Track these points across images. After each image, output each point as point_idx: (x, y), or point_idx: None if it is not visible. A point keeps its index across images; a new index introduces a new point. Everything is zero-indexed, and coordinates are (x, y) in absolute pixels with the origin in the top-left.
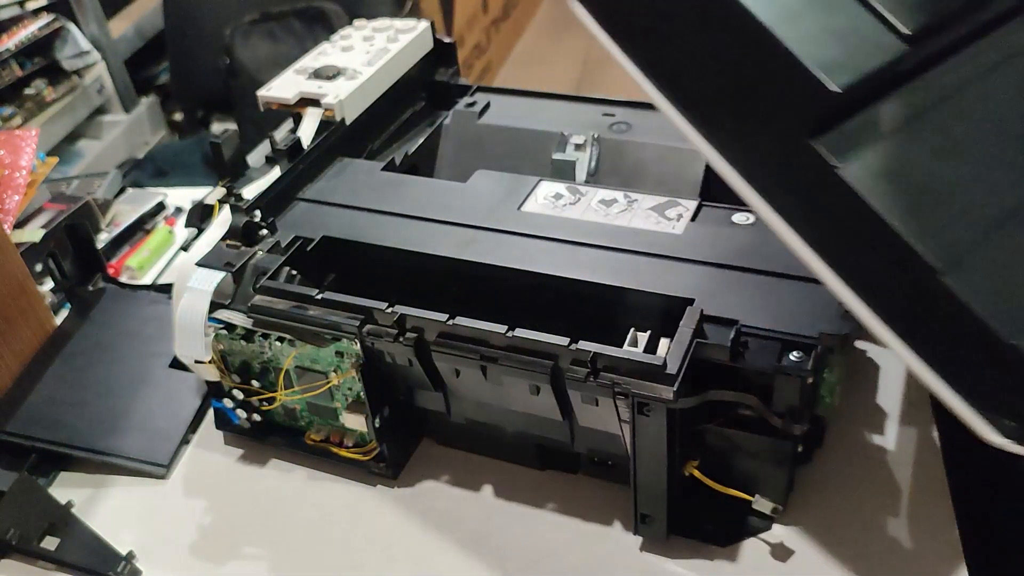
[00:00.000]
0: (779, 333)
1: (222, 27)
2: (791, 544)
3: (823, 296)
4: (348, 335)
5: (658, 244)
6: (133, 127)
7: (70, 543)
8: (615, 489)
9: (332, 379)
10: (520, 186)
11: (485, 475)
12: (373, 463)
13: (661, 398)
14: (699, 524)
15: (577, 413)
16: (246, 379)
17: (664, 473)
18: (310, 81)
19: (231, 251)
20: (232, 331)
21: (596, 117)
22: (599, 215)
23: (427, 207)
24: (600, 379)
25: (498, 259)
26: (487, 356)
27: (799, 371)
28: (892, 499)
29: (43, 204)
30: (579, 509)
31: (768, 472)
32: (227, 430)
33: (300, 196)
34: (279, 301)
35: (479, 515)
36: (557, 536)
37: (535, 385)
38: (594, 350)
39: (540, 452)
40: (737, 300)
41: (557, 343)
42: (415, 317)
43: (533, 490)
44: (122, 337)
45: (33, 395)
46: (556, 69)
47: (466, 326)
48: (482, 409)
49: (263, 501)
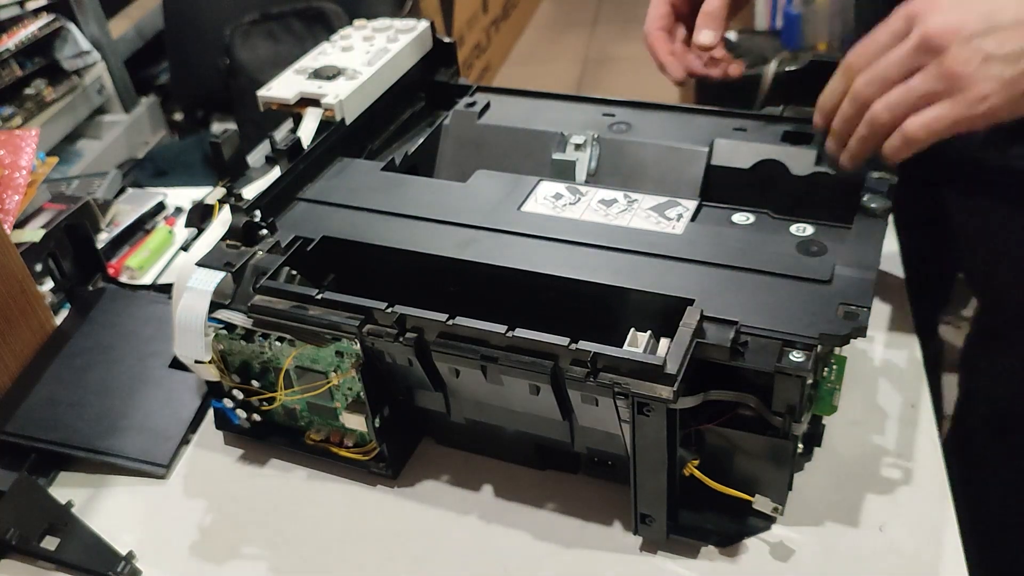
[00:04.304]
0: (779, 333)
1: (222, 27)
2: (791, 544)
3: (823, 297)
4: (348, 335)
5: (658, 244)
6: (133, 127)
7: (70, 543)
8: (615, 489)
9: (332, 379)
10: (520, 186)
11: (485, 475)
12: (373, 463)
13: (661, 398)
14: (699, 524)
15: (577, 413)
16: (246, 379)
17: (664, 473)
18: (310, 81)
19: (231, 251)
20: (232, 331)
21: (596, 117)
22: (599, 215)
23: (427, 207)
24: (600, 379)
25: (498, 259)
26: (487, 356)
27: (799, 371)
28: (891, 499)
29: (43, 204)
30: (579, 509)
31: (768, 472)
32: (227, 430)
33: (300, 196)
34: (279, 301)
35: (479, 515)
36: (557, 536)
37: (535, 385)
38: (594, 350)
39: (540, 452)
40: (737, 300)
41: (557, 343)
42: (415, 317)
43: (533, 490)
44: (122, 337)
45: (33, 395)
46: (556, 69)
47: (466, 326)
48: (482, 409)
49: (263, 501)
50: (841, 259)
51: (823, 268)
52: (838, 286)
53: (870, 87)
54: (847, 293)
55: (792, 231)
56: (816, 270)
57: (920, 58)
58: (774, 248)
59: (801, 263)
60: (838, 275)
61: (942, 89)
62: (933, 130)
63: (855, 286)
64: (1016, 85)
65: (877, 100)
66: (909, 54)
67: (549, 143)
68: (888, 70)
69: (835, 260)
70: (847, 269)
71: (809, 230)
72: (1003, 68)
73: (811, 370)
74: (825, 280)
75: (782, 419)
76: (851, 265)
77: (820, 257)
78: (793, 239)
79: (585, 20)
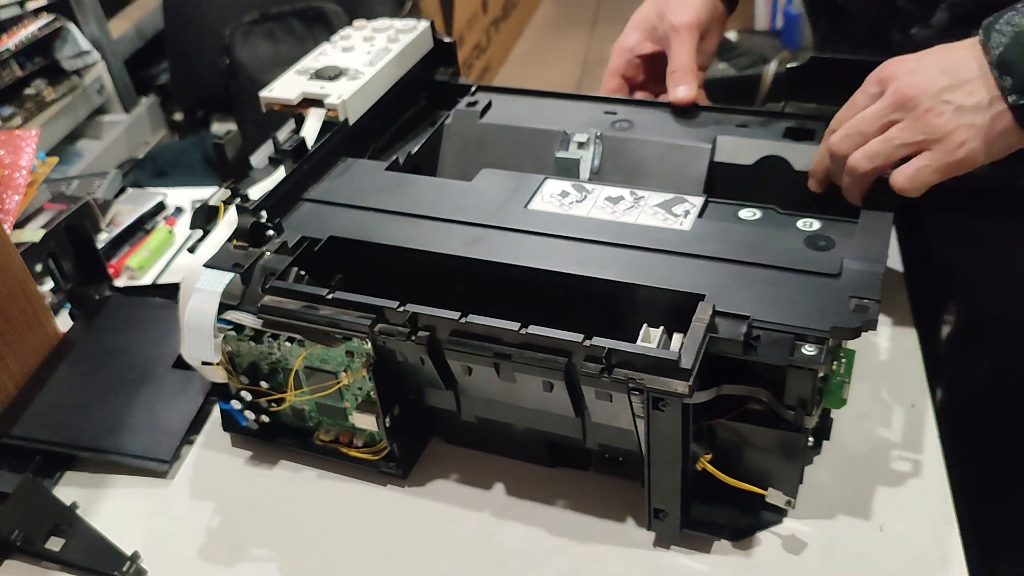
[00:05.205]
0: (790, 327)
1: (222, 27)
2: (803, 537)
3: (832, 290)
4: (359, 334)
5: (666, 240)
6: (133, 127)
7: (75, 544)
8: (626, 485)
9: (342, 379)
10: (526, 184)
11: (495, 473)
12: (383, 463)
13: (676, 393)
14: (711, 519)
15: (590, 409)
16: (254, 380)
17: (678, 468)
18: (312, 82)
19: (239, 252)
20: (240, 332)
21: (598, 115)
22: (606, 212)
23: (433, 206)
24: (615, 375)
25: (507, 257)
26: (500, 353)
27: (812, 364)
28: (897, 493)
29: (43, 204)
30: (590, 505)
31: (780, 466)
32: (234, 432)
33: (305, 196)
34: (289, 301)
35: (491, 512)
36: (569, 532)
37: (548, 382)
38: (609, 346)
39: (550, 449)
40: (747, 295)
41: (572, 339)
42: (427, 315)
43: (544, 487)
44: (126, 341)
45: (38, 400)
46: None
47: (479, 323)
48: (493, 407)
49: (268, 501)
50: (849, 253)
51: (831, 262)
52: (847, 280)
53: (846, 141)
54: (856, 286)
55: (799, 226)
56: (824, 264)
57: (894, 114)
58: (782, 243)
59: (809, 257)
60: (846, 269)
61: (920, 140)
62: (921, 180)
63: (864, 279)
64: (989, 129)
65: (856, 152)
66: (884, 111)
67: (552, 142)
68: (863, 125)
69: (843, 254)
70: (855, 263)
71: (816, 225)
72: (974, 116)
73: (824, 363)
74: (834, 274)
75: (794, 413)
76: (859, 259)
77: (828, 251)
78: (800, 234)
79: (585, 20)
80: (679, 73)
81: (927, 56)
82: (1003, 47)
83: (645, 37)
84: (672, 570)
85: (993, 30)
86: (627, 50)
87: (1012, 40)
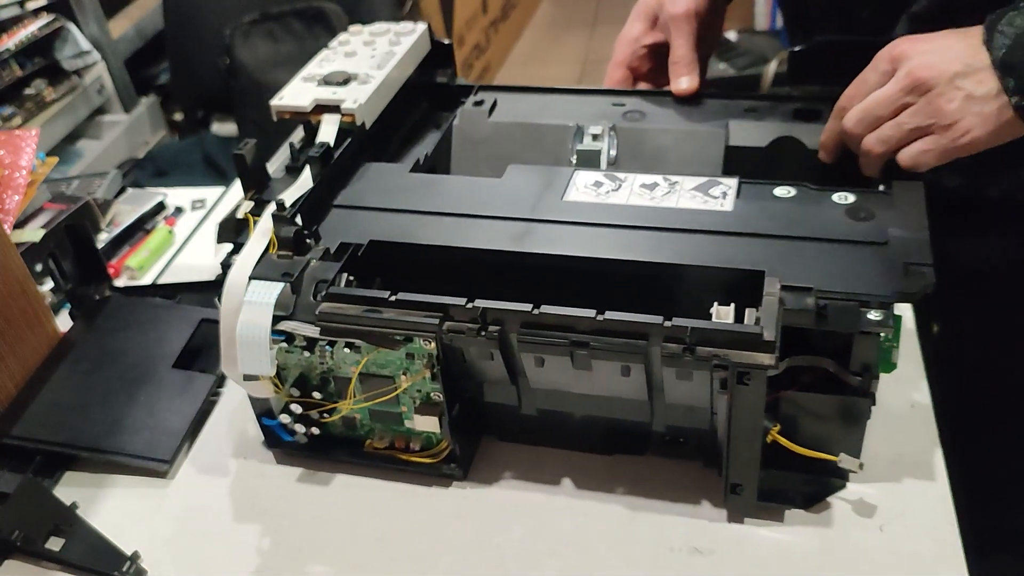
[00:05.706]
0: (854, 295)
1: (222, 27)
2: (803, 537)
3: (882, 257)
4: (427, 334)
5: (712, 222)
6: (133, 127)
7: (75, 544)
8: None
9: (402, 383)
10: (556, 177)
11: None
12: (444, 464)
13: (763, 365)
14: (781, 488)
15: (667, 390)
16: (304, 392)
17: (759, 441)
18: (323, 88)
19: (283, 261)
20: (291, 343)
21: (606, 108)
22: (644, 199)
23: (467, 204)
24: (698, 353)
25: (560, 248)
26: (577, 342)
27: (882, 328)
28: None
29: (43, 204)
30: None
31: (843, 431)
32: (279, 448)
33: (334, 203)
34: (349, 307)
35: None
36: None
37: (626, 366)
38: (691, 325)
39: (606, 436)
40: (802, 268)
41: (651, 322)
42: (497, 310)
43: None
44: (124, 339)
45: (38, 401)
46: (555, 69)
47: (553, 313)
48: (556, 397)
49: (269, 502)
50: (890, 222)
51: (877, 231)
52: (896, 247)
53: (860, 124)
54: (907, 253)
55: (835, 199)
56: (871, 234)
57: (907, 97)
58: (824, 216)
59: (854, 228)
60: (893, 237)
61: (929, 124)
62: (923, 162)
63: (913, 245)
64: (995, 118)
65: (869, 135)
66: (897, 93)
67: (565, 136)
68: (878, 108)
69: (885, 223)
70: (899, 231)
71: (851, 198)
72: (982, 105)
73: (892, 326)
74: (882, 242)
75: (860, 378)
76: (902, 227)
77: (869, 222)
78: (839, 207)
79: (585, 20)
80: (680, 64)
81: (941, 39)
82: (1006, 49)
83: (648, 26)
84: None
85: (996, 31)
86: (632, 40)
87: (1014, 42)
